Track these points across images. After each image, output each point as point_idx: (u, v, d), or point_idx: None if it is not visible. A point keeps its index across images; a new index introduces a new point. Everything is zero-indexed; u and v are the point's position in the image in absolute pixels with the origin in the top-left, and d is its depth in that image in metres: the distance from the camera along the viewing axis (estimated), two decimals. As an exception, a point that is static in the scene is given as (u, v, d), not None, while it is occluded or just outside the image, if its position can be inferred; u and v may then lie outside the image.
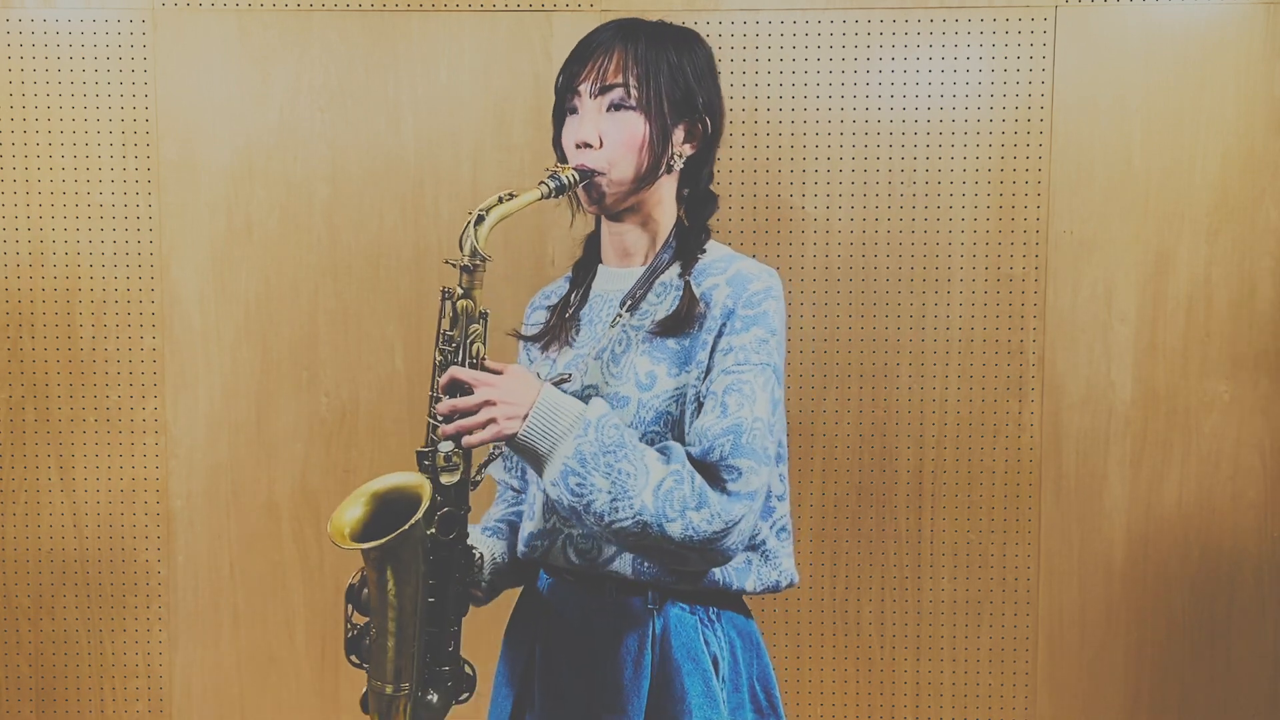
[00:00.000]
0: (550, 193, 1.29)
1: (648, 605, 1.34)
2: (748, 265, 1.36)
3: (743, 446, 1.25)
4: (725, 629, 1.37)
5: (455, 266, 1.28)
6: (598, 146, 1.33)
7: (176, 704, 2.55)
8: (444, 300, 1.29)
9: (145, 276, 2.47)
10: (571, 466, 1.21)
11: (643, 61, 1.33)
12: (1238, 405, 2.44)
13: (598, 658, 1.35)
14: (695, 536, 1.22)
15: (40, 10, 2.42)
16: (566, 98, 1.38)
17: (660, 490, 1.21)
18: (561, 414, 1.23)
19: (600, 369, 1.36)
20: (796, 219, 2.45)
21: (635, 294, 1.38)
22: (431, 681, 1.32)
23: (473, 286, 1.28)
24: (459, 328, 1.28)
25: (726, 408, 1.26)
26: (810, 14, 2.41)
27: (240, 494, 2.50)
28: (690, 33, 1.41)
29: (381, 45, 2.43)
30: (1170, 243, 2.43)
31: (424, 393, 2.47)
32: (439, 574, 1.30)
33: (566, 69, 1.37)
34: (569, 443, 1.22)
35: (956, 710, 2.52)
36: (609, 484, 1.21)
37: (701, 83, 1.38)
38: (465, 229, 1.27)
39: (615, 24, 1.38)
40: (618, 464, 1.21)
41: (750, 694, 1.38)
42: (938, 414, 2.46)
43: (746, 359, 1.29)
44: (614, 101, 1.33)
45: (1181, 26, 2.39)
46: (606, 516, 1.21)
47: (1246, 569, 2.48)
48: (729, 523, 1.23)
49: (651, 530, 1.21)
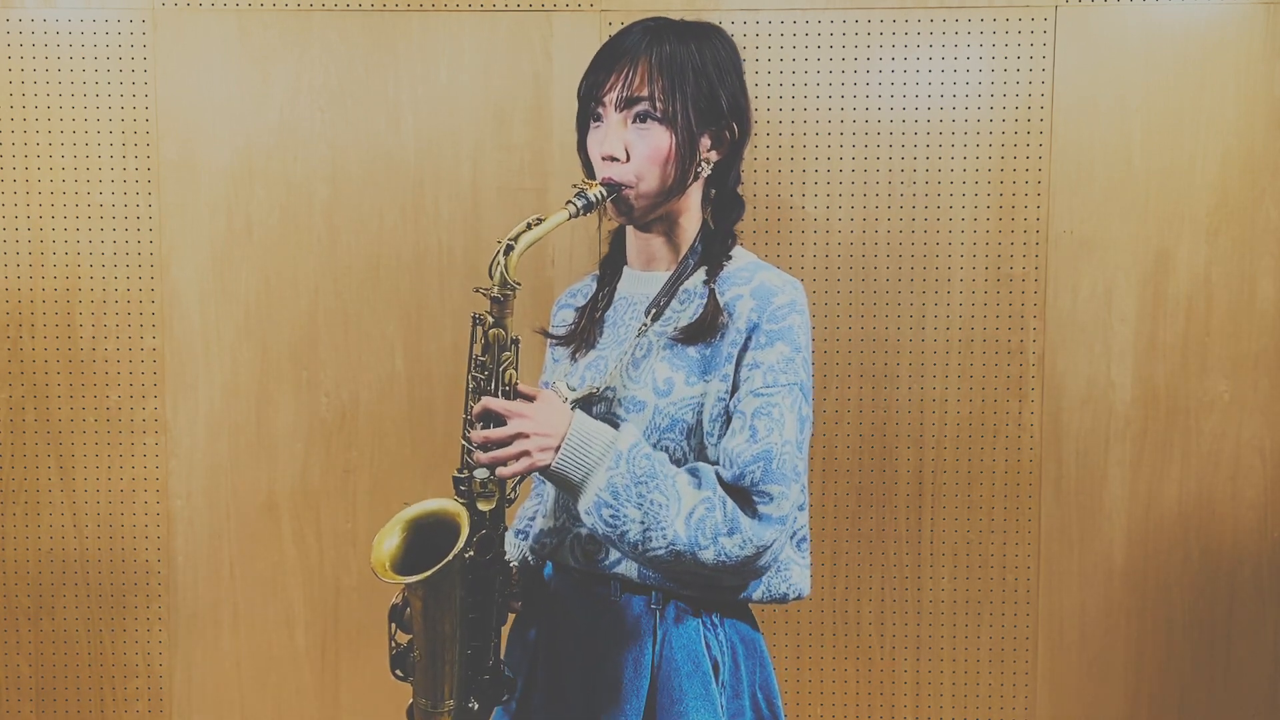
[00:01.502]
0: (579, 211, 1.29)
1: (651, 606, 1.35)
2: (772, 277, 1.35)
3: (773, 472, 1.26)
4: (728, 634, 1.38)
5: (486, 296, 1.27)
6: (624, 160, 1.32)
7: (176, 704, 2.55)
8: (475, 326, 1.29)
9: (145, 276, 2.47)
10: (604, 499, 1.24)
11: (669, 72, 1.31)
12: (1238, 405, 2.44)
13: (599, 656, 1.36)
14: (728, 562, 1.25)
15: (40, 10, 2.42)
16: (590, 106, 1.36)
17: (692, 519, 1.24)
18: (593, 444, 1.25)
19: (620, 372, 1.37)
20: (796, 219, 2.45)
21: (660, 301, 1.38)
22: (474, 690, 1.35)
23: (504, 315, 1.28)
24: (490, 354, 1.28)
25: (756, 432, 1.27)
26: (810, 14, 2.41)
27: (240, 494, 2.50)
28: (716, 31, 1.38)
29: (381, 45, 2.43)
30: (1170, 243, 2.43)
31: (424, 393, 2.47)
32: (479, 593, 1.32)
33: (591, 76, 1.35)
34: (601, 474, 1.24)
35: (956, 710, 2.52)
36: (641, 514, 1.23)
37: (728, 87, 1.35)
38: (494, 258, 1.26)
39: (640, 28, 1.35)
40: (650, 494, 1.24)
41: (751, 701, 1.38)
42: (938, 414, 2.46)
43: (775, 380, 1.29)
44: (640, 113, 1.31)
45: (1181, 26, 2.39)
46: (640, 545, 1.24)
47: (1246, 569, 2.48)
48: (761, 547, 1.26)
49: (685, 557, 1.24)
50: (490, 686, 1.35)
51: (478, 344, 1.29)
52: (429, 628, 1.30)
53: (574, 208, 1.28)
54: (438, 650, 1.31)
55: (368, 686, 2.53)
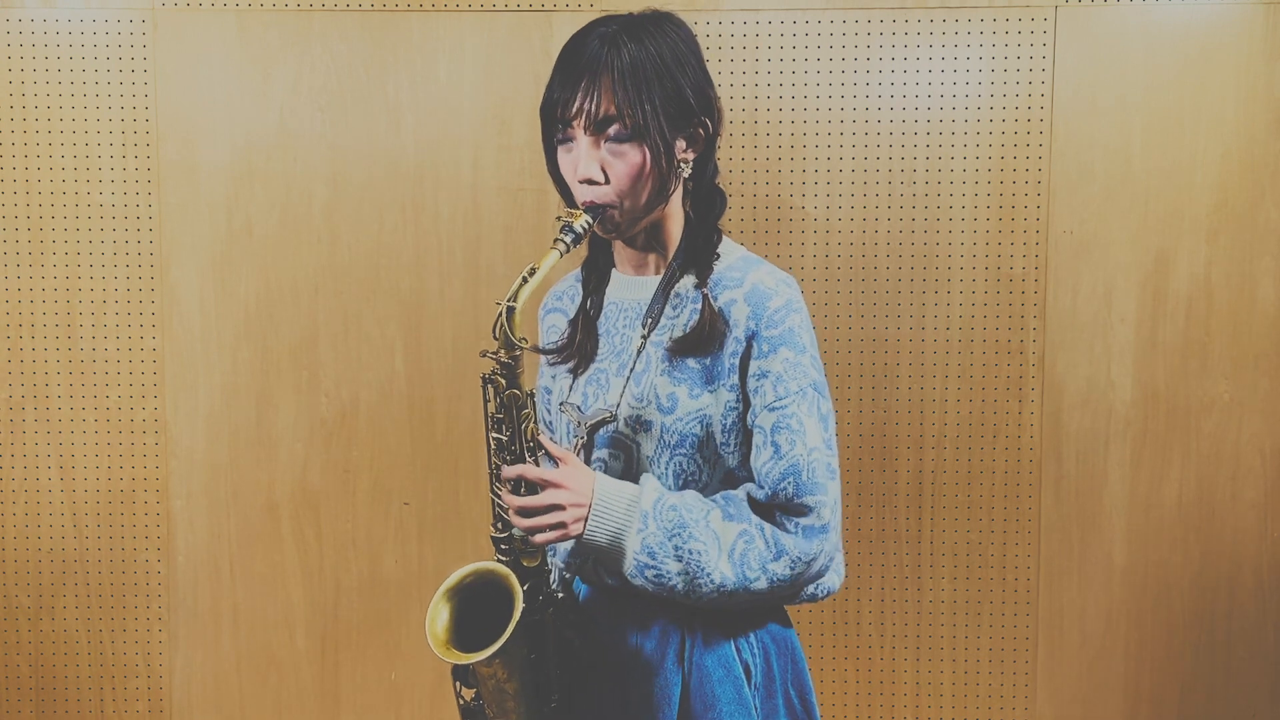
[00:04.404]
0: (568, 248, 1.26)
1: (680, 615, 1.34)
2: (764, 277, 1.32)
3: (805, 484, 1.27)
4: (759, 635, 1.37)
5: (494, 360, 1.27)
6: (603, 182, 1.29)
7: (176, 704, 2.55)
8: (485, 386, 1.29)
9: (145, 276, 2.47)
10: (644, 561, 1.25)
11: (634, 82, 1.27)
12: (1238, 405, 2.44)
13: (630, 665, 1.35)
14: (783, 584, 1.26)
15: (40, 10, 2.42)
16: (556, 129, 1.32)
17: (734, 555, 1.25)
18: (616, 506, 1.26)
19: (622, 388, 1.35)
20: (796, 219, 2.45)
21: (654, 310, 1.36)
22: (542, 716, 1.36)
23: (515, 375, 1.28)
24: (507, 413, 1.28)
25: (779, 449, 1.27)
26: (810, 14, 2.41)
27: (240, 494, 2.50)
28: (668, 19, 1.33)
29: (381, 45, 2.43)
30: (1170, 243, 2.43)
31: (424, 393, 2.47)
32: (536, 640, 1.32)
33: (552, 95, 1.31)
34: (633, 538, 1.25)
35: (956, 710, 2.51)
36: (682, 565, 1.24)
37: (691, 80, 1.31)
38: (497, 320, 1.26)
39: (596, 36, 1.29)
40: (686, 544, 1.24)
41: (785, 700, 1.38)
42: (938, 414, 2.46)
43: (785, 389, 1.28)
44: (611, 135, 1.28)
45: (1181, 26, 2.39)
46: (690, 595, 1.25)
47: (1246, 569, 2.48)
48: (809, 560, 1.27)
49: (739, 594, 1.25)
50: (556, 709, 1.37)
51: (491, 403, 1.29)
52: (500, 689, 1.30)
53: (564, 245, 1.26)
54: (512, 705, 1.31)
55: (368, 686, 2.53)
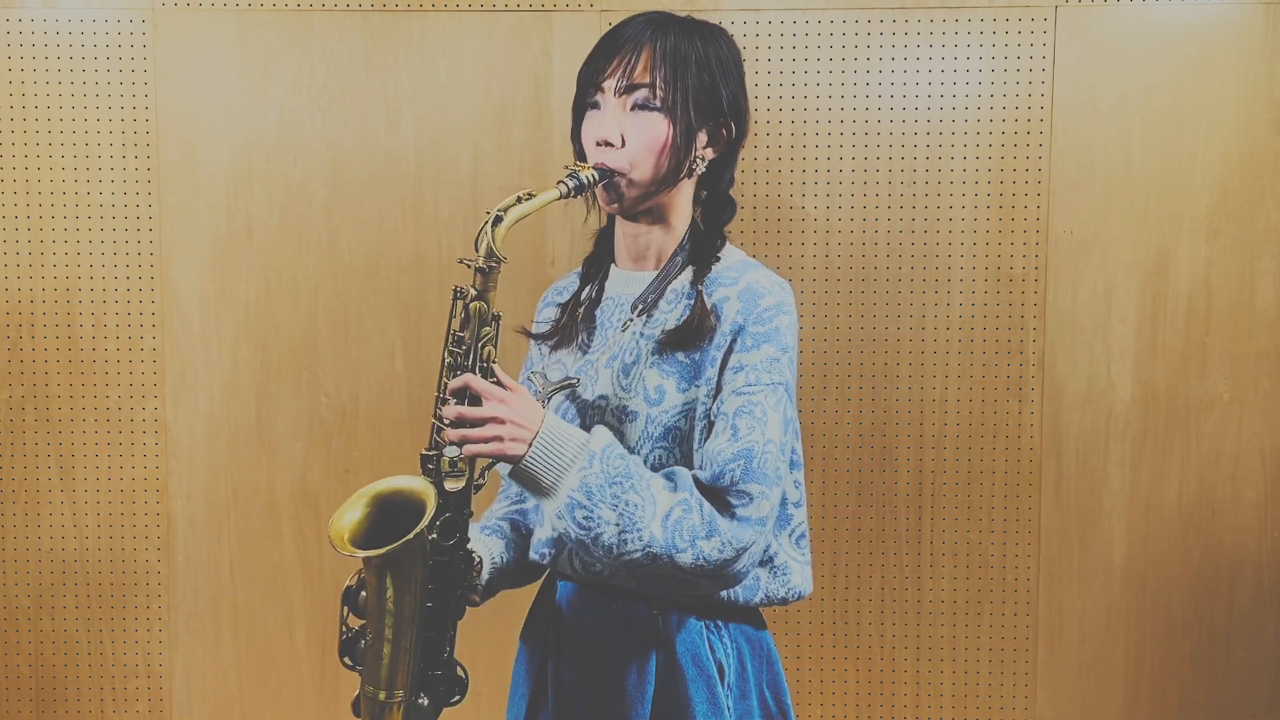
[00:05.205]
0: (569, 192, 1.26)
1: (653, 611, 1.34)
2: (759, 278, 1.33)
3: (753, 471, 1.23)
4: (733, 635, 1.36)
5: (470, 267, 1.24)
6: (619, 146, 1.30)
7: (176, 704, 2.55)
8: (455, 299, 1.26)
9: (145, 276, 2.47)
10: (578, 500, 1.20)
11: (671, 61, 1.29)
12: (1238, 405, 2.44)
13: (604, 662, 1.35)
14: (706, 565, 1.21)
15: (40, 10, 2.42)
16: (589, 92, 1.34)
17: (669, 520, 1.20)
18: (565, 445, 1.22)
19: (611, 379, 1.35)
20: (796, 219, 2.45)
21: (647, 298, 1.36)
22: (424, 685, 1.30)
23: (487, 288, 1.25)
24: (470, 329, 1.24)
25: (737, 431, 1.24)
26: (810, 14, 2.41)
27: (240, 494, 2.50)
28: (720, 31, 1.37)
29: (381, 45, 2.43)
30: (1170, 243, 2.43)
31: (425, 393, 2.47)
32: (439, 580, 1.28)
33: (591, 62, 1.33)
34: (574, 475, 1.20)
35: (956, 710, 2.52)
36: (616, 516, 1.19)
37: (729, 86, 1.34)
38: (482, 229, 1.24)
39: (645, 18, 1.33)
40: (624, 495, 1.20)
41: (760, 701, 1.38)
42: (938, 414, 2.46)
43: (757, 379, 1.26)
44: (638, 101, 1.30)
45: (1181, 26, 2.39)
46: (615, 549, 1.20)
47: (1246, 569, 2.48)
48: (739, 549, 1.22)
49: (662, 561, 1.20)
50: (442, 683, 1.32)
51: (456, 318, 1.25)
52: (386, 609, 1.24)
53: (565, 187, 1.26)
54: (394, 634, 1.25)
55: (368, 686, 2.53)
